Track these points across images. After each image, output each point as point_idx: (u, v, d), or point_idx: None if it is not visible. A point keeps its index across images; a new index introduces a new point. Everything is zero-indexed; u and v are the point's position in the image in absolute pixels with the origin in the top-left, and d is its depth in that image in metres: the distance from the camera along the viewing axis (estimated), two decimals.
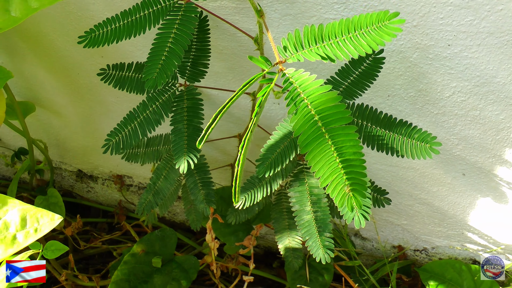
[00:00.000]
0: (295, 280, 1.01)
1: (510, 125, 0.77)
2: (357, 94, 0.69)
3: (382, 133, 0.68)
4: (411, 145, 0.66)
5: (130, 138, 0.78)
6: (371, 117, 0.68)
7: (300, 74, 0.53)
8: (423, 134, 0.66)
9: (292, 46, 0.56)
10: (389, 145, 0.67)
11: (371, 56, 0.69)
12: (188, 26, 0.66)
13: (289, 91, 0.53)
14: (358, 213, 0.67)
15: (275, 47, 0.56)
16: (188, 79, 0.77)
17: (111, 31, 0.68)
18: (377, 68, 0.68)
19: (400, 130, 0.67)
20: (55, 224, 0.65)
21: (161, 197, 0.89)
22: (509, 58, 0.69)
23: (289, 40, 0.56)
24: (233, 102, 0.58)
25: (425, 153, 0.66)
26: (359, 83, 0.69)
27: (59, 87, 1.05)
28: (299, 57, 0.55)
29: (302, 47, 0.56)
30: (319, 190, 0.77)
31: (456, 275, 0.99)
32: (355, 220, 0.67)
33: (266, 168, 0.70)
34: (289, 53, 0.56)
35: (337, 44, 0.55)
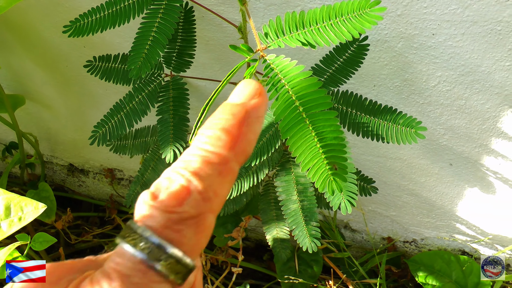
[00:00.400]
0: (284, 272, 1.01)
1: (495, 114, 0.77)
2: (341, 81, 0.69)
3: (367, 119, 0.68)
4: (396, 131, 0.66)
5: (117, 128, 0.78)
6: (355, 104, 0.68)
7: (280, 60, 0.53)
8: (408, 119, 0.66)
9: (273, 32, 0.56)
10: (374, 132, 0.68)
11: (356, 43, 0.69)
12: (172, 15, 0.66)
13: (270, 77, 0.53)
14: (344, 200, 0.68)
15: (256, 34, 0.56)
16: (173, 69, 0.77)
17: (96, 21, 0.69)
18: (362, 55, 0.69)
19: (385, 116, 0.67)
20: (39, 212, 0.65)
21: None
22: (493, 47, 0.69)
23: (270, 26, 0.56)
24: (218, 92, 0.59)
25: (411, 138, 0.66)
26: (343, 70, 0.69)
27: (48, 79, 1.05)
28: (280, 43, 0.56)
29: (283, 34, 0.56)
30: (305, 180, 0.78)
31: (445, 265, 1.00)
32: (342, 206, 0.67)
33: (252, 156, 0.71)
34: (270, 39, 0.56)
35: (318, 30, 0.55)
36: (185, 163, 0.24)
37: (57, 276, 0.23)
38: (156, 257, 0.22)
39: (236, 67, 0.57)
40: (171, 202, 0.22)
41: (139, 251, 0.22)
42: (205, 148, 0.24)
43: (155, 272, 0.22)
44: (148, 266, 0.22)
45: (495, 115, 0.77)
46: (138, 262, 0.22)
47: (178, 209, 0.22)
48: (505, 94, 0.74)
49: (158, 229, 0.22)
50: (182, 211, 0.22)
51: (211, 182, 0.23)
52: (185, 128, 0.76)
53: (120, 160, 1.20)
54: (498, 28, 0.67)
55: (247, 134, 0.24)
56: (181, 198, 0.22)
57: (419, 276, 1.00)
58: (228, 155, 0.24)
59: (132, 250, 0.22)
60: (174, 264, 0.22)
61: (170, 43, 0.75)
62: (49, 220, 1.18)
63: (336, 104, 0.70)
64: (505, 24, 0.66)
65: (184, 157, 0.24)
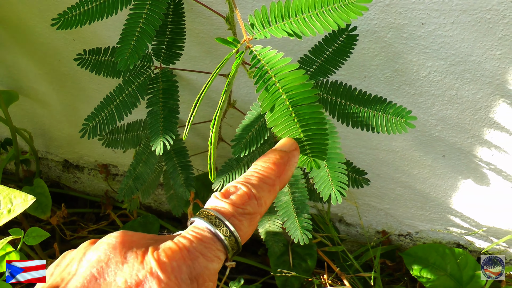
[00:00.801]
0: (278, 266, 1.01)
1: (487, 104, 0.77)
2: (330, 71, 0.69)
3: (357, 109, 0.67)
4: (386, 120, 0.66)
5: (107, 121, 0.78)
6: (345, 94, 0.68)
7: (267, 52, 0.53)
8: (398, 109, 0.66)
9: (259, 23, 0.56)
10: (364, 121, 0.67)
11: (345, 34, 0.68)
12: (159, 6, 0.66)
13: (257, 68, 0.52)
14: (334, 190, 0.67)
15: (242, 24, 0.56)
16: (163, 61, 0.77)
17: (84, 13, 0.68)
18: (351, 45, 0.68)
19: (375, 106, 0.66)
20: (28, 204, 0.65)
21: (141, 182, 0.89)
22: (484, 36, 0.69)
23: (256, 17, 0.56)
24: (209, 85, 0.58)
25: (401, 127, 0.65)
26: (332, 60, 0.69)
27: (42, 75, 1.05)
28: (266, 34, 0.55)
29: (269, 24, 0.55)
30: (296, 171, 0.77)
31: (440, 258, 0.99)
32: (332, 197, 0.67)
33: (241, 148, 0.70)
34: (256, 30, 0.56)
35: (304, 20, 0.54)
36: (246, 179, 0.36)
37: (136, 238, 0.32)
38: (224, 233, 0.32)
39: (224, 60, 0.57)
40: (239, 201, 0.34)
41: (213, 226, 0.32)
42: (261, 172, 0.36)
43: (221, 243, 0.32)
44: (218, 238, 0.32)
45: (487, 105, 0.77)
46: (211, 233, 0.32)
47: (242, 206, 0.33)
48: (496, 84, 0.73)
49: (227, 215, 0.33)
50: (244, 208, 0.33)
51: (263, 195, 0.35)
52: (175, 120, 0.75)
53: (114, 155, 1.20)
54: (488, 16, 0.66)
55: (288, 171, 0.37)
56: (245, 200, 0.34)
57: (413, 269, 1.00)
58: (275, 180, 0.36)
59: (208, 225, 0.32)
60: (233, 242, 0.32)
61: (159, 35, 0.75)
62: (45, 216, 1.18)
63: (326, 95, 0.69)
64: (495, 12, 0.66)
65: (246, 175, 0.36)
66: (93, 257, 0.30)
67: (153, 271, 0.29)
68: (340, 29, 0.69)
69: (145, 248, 0.31)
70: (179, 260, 0.30)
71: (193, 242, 0.31)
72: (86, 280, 0.29)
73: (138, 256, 0.30)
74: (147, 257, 0.30)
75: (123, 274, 0.29)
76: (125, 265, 0.29)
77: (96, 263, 0.29)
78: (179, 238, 0.32)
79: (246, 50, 0.55)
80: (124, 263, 0.29)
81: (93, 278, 0.29)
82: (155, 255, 0.30)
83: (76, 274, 0.29)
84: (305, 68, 0.70)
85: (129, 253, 0.30)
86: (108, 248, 0.30)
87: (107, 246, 0.30)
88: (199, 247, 0.31)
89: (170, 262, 0.29)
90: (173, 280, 0.29)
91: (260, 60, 0.53)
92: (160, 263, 0.29)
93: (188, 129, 0.59)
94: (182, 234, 0.32)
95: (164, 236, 0.33)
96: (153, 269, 0.29)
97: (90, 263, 0.30)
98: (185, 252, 0.30)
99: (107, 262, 0.29)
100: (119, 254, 0.30)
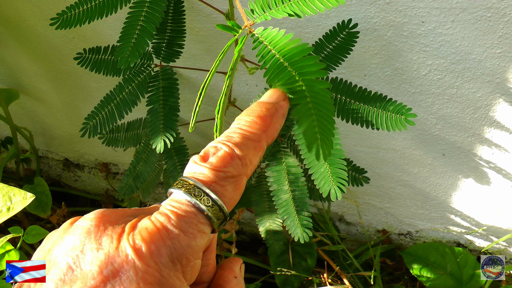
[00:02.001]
0: (278, 264, 1.01)
1: (487, 102, 0.77)
2: (331, 68, 0.69)
3: (357, 106, 0.67)
4: (386, 117, 0.66)
5: (107, 120, 0.78)
6: (345, 91, 0.68)
7: (269, 32, 0.53)
8: (398, 106, 0.66)
9: (259, 8, 0.56)
10: (364, 118, 0.67)
11: (345, 30, 0.69)
12: (159, 3, 0.66)
13: (259, 50, 0.52)
14: (334, 186, 0.67)
15: (243, 11, 0.56)
16: (163, 59, 0.77)
17: (83, 12, 0.68)
18: (351, 42, 0.68)
19: (375, 102, 0.66)
20: (28, 202, 0.65)
21: (141, 181, 0.89)
22: (484, 34, 0.69)
23: (256, 2, 0.56)
24: (210, 78, 0.58)
25: (401, 124, 0.65)
26: (333, 57, 0.69)
27: (42, 73, 1.05)
28: (267, 17, 0.55)
29: (269, 8, 0.56)
30: (296, 170, 0.77)
31: (440, 257, 0.99)
32: (331, 193, 0.67)
33: None
34: (256, 14, 0.56)
35: (304, 0, 0.54)
36: (228, 137, 0.31)
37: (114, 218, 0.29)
38: (205, 204, 0.28)
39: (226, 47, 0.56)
40: (219, 164, 0.30)
41: (192, 197, 0.29)
42: (244, 128, 0.32)
43: (203, 215, 0.29)
44: (199, 209, 0.29)
45: (487, 104, 0.77)
46: (191, 205, 0.29)
47: (224, 169, 0.29)
48: (497, 82, 0.73)
49: (207, 182, 0.29)
50: (226, 171, 0.30)
51: (248, 153, 0.31)
52: (176, 118, 0.75)
53: (115, 154, 1.20)
54: (488, 14, 0.66)
55: (275, 124, 0.33)
56: (226, 161, 0.30)
57: (413, 269, 0.99)
58: (261, 135, 0.32)
59: (187, 196, 0.29)
60: (217, 211, 0.29)
61: (159, 33, 0.75)
62: (45, 214, 1.18)
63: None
64: (495, 10, 0.65)
65: (227, 133, 0.32)
66: (69, 243, 0.28)
67: (129, 259, 0.26)
68: (340, 25, 0.69)
69: (121, 230, 0.28)
70: (158, 241, 0.27)
71: (171, 219, 0.28)
72: (63, 273, 0.27)
73: (113, 240, 0.27)
74: (123, 241, 0.27)
75: (98, 263, 0.26)
76: (100, 251, 0.27)
77: (72, 250, 0.27)
78: (156, 215, 0.28)
79: (248, 35, 0.55)
80: (100, 250, 0.27)
81: (70, 269, 0.27)
82: (130, 240, 0.27)
83: (54, 263, 0.27)
84: None
85: (104, 238, 0.27)
86: (83, 232, 0.28)
87: (82, 230, 0.28)
88: (179, 223, 0.28)
89: (147, 246, 0.27)
90: (153, 266, 0.26)
91: (262, 42, 0.53)
92: (136, 249, 0.27)
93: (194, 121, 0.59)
94: (160, 210, 0.29)
95: (146, 209, 0.31)
96: (129, 257, 0.26)
97: (66, 250, 0.27)
98: (164, 232, 0.27)
99: (83, 249, 0.27)
100: (94, 239, 0.27)
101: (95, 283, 0.26)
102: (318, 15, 0.74)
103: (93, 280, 0.26)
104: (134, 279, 0.26)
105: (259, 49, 0.51)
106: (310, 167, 0.68)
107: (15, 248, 0.85)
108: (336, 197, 0.66)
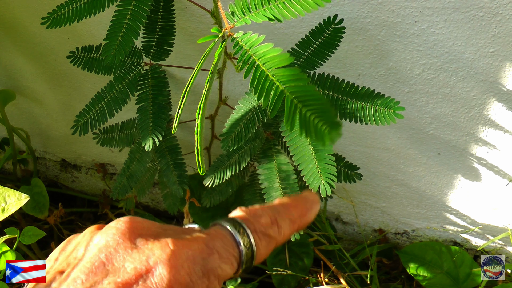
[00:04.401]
0: (274, 264, 1.01)
1: (481, 101, 0.77)
2: (317, 64, 0.69)
3: (345, 101, 0.67)
4: (374, 112, 0.66)
5: (98, 118, 0.79)
6: (332, 86, 0.68)
7: (249, 37, 0.53)
8: (386, 100, 0.66)
9: (239, 11, 0.56)
10: (352, 113, 0.67)
11: (331, 26, 0.68)
12: (144, 2, 0.66)
13: (241, 55, 0.52)
14: (323, 182, 0.67)
15: (223, 13, 0.56)
16: (152, 58, 0.77)
17: (73, 10, 0.69)
18: (337, 38, 0.68)
19: (363, 97, 0.66)
20: (22, 203, 0.65)
21: (135, 180, 0.89)
22: (476, 33, 0.69)
23: (236, 5, 0.56)
24: (194, 78, 0.59)
25: (389, 118, 0.65)
26: (319, 53, 0.69)
27: (38, 74, 1.05)
28: (247, 20, 0.56)
29: (249, 11, 0.56)
30: (287, 167, 0.77)
31: (436, 256, 0.99)
32: (321, 188, 0.67)
33: (230, 142, 0.71)
34: (237, 17, 0.56)
35: (283, 4, 0.54)
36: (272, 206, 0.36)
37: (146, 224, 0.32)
38: (244, 242, 0.32)
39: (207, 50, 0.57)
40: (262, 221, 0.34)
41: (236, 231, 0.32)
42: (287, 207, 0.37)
43: (238, 249, 0.32)
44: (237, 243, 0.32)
45: (481, 103, 0.77)
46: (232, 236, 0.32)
47: (265, 227, 0.34)
48: (490, 81, 0.73)
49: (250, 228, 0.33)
50: (266, 229, 0.34)
51: (284, 225, 0.35)
52: (165, 116, 0.76)
53: (112, 154, 1.20)
54: (480, 14, 0.66)
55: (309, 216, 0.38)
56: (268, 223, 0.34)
57: (410, 268, 0.99)
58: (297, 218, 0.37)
59: (231, 229, 0.32)
60: (249, 255, 0.33)
61: (149, 32, 0.75)
62: (42, 215, 1.18)
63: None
64: (487, 10, 0.65)
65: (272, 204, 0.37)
66: (101, 241, 0.29)
67: (164, 258, 0.28)
68: (326, 21, 0.69)
69: (154, 236, 0.30)
70: (196, 250, 0.29)
71: (213, 239, 0.31)
72: (94, 266, 0.28)
73: (148, 242, 0.29)
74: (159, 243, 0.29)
75: (132, 260, 0.28)
76: (134, 251, 0.29)
77: (105, 248, 0.29)
78: (197, 233, 0.32)
79: (228, 38, 0.55)
80: (134, 249, 0.29)
81: (101, 264, 0.28)
82: (169, 242, 0.29)
83: (83, 259, 0.29)
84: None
85: (138, 239, 0.30)
86: (117, 233, 0.30)
87: (116, 231, 0.30)
88: (218, 244, 0.31)
89: (185, 251, 0.29)
90: (186, 269, 0.28)
91: (242, 46, 0.53)
92: (174, 250, 0.29)
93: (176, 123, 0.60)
94: (204, 230, 0.32)
95: (174, 227, 0.33)
96: (164, 256, 0.28)
97: (98, 247, 0.29)
98: (203, 245, 0.30)
99: (116, 247, 0.29)
100: (128, 239, 0.29)
101: (127, 277, 0.27)
102: (310, 14, 0.73)
103: (126, 274, 0.28)
104: (166, 277, 0.28)
105: (240, 53, 0.51)
106: (299, 163, 0.68)
107: (11, 249, 0.85)
108: (326, 192, 0.66)
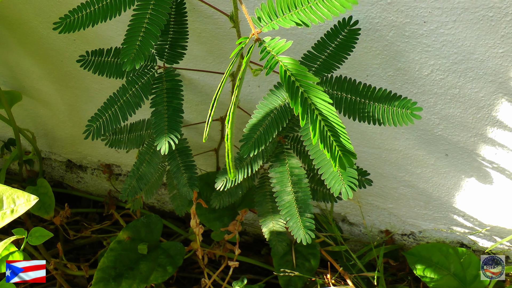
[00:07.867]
0: (281, 265, 1.01)
1: (490, 102, 0.76)
2: (334, 67, 0.69)
3: (362, 103, 0.68)
4: (392, 113, 0.66)
5: (111, 122, 0.79)
6: (350, 89, 0.68)
7: (276, 42, 0.52)
8: (403, 100, 0.66)
9: (266, 15, 0.56)
10: (371, 115, 0.67)
11: (346, 28, 0.69)
12: (163, 5, 0.66)
13: (267, 60, 0.52)
14: (345, 185, 0.67)
15: (249, 18, 0.56)
16: (166, 61, 0.77)
17: (87, 15, 0.68)
18: (353, 39, 0.69)
19: (380, 99, 0.67)
20: (31, 204, 0.65)
21: (144, 182, 0.89)
22: (486, 34, 0.69)
23: (263, 10, 0.56)
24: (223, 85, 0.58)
25: (407, 119, 0.66)
26: (336, 55, 0.69)
27: (44, 75, 1.05)
28: (274, 26, 0.55)
29: (276, 16, 0.55)
30: (299, 171, 0.77)
31: (443, 258, 0.99)
32: (343, 192, 0.67)
33: (250, 147, 0.70)
34: (264, 22, 0.56)
35: (310, 8, 0.54)
36: None
37: None
38: None
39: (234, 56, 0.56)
40: None
41: None
42: None
43: None
44: None
45: (490, 104, 0.77)
46: None
47: None
48: (499, 82, 0.73)
49: None
50: None
51: None
52: (180, 119, 0.75)
53: (118, 155, 1.20)
54: (490, 14, 0.66)
55: None
56: None
57: (417, 269, 0.99)
58: None
59: None
60: None
61: (162, 35, 0.75)
62: (48, 216, 1.18)
63: (331, 90, 0.69)
64: (497, 10, 0.65)
65: None
66: None
67: None
68: (341, 23, 0.69)
69: None
70: None
71: None
72: None
73: None
74: None
75: None
76: None
77: None
78: None
79: (255, 44, 0.55)
80: None
81: None
82: None
83: None
84: (309, 64, 0.70)
85: None
86: None
87: None
88: None
89: None
90: None
91: (269, 52, 0.52)
92: None
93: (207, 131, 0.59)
94: None
95: None
96: None
97: None
98: None
99: None
100: None
101: None
102: None
103: None
104: None
105: (267, 59, 0.51)
106: (319, 167, 0.68)
107: (19, 249, 0.85)
108: (348, 196, 0.66)
